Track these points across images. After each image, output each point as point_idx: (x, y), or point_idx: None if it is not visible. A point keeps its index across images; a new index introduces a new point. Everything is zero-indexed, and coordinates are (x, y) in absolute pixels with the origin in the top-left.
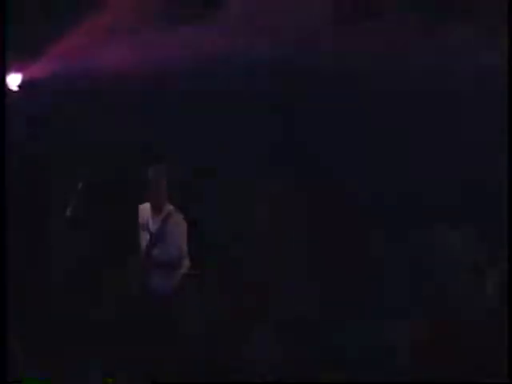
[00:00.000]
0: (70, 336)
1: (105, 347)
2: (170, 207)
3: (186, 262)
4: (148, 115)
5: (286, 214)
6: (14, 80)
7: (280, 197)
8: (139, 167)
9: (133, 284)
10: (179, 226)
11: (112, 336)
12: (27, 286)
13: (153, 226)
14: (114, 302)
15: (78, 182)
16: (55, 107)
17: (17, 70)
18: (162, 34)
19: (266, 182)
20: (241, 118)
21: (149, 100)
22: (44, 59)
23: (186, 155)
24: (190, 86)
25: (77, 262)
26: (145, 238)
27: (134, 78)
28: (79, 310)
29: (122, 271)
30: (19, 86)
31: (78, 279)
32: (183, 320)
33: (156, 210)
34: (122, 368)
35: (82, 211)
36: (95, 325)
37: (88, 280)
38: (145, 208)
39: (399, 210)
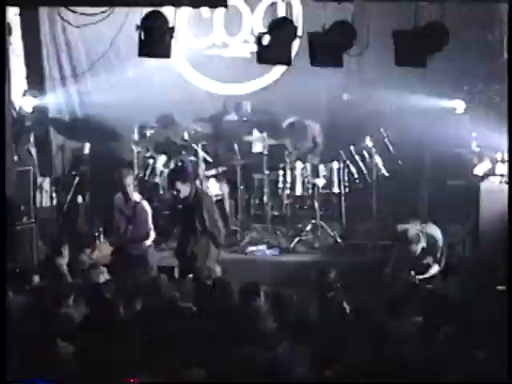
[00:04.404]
0: None
1: None
2: (137, 196)
3: (152, 234)
4: None
5: None
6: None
7: None
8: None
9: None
10: (144, 210)
11: None
12: None
13: (126, 211)
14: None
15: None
16: None
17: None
18: None
19: None
20: None
21: None
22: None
23: None
24: None
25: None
26: (121, 220)
27: None
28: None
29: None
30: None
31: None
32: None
33: (127, 198)
34: None
35: None
36: None
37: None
38: (118, 197)
39: None
